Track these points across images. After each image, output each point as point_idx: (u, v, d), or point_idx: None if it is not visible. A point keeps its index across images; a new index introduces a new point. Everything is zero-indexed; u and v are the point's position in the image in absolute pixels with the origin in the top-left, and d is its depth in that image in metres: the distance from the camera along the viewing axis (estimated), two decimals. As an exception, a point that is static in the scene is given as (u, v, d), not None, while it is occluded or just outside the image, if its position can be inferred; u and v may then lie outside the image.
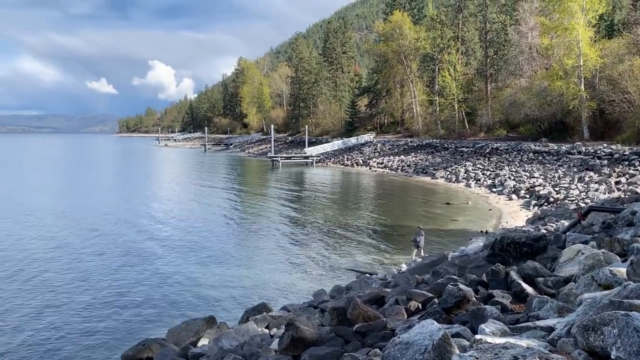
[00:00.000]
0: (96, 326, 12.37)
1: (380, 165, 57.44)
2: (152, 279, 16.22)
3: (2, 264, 17.92)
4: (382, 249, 20.03)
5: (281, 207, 31.74)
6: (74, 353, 10.94)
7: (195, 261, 18.52)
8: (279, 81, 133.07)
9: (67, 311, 13.37)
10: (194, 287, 15.40)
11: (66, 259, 18.72)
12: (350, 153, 68.55)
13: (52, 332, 12.03)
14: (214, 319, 10.01)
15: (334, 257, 18.90)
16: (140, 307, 13.74)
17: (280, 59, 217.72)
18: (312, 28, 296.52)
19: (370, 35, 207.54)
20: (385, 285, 10.96)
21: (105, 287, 15.44)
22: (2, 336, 11.77)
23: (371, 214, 28.95)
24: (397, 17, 68.02)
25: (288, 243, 21.50)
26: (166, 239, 22.35)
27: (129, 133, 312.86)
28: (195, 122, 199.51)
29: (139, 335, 11.40)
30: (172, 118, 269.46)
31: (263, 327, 9.07)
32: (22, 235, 22.88)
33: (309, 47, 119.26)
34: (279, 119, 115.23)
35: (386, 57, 71.43)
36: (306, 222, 26.29)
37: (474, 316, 4.67)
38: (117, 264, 18.15)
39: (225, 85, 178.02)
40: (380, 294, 8.17)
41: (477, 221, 25.41)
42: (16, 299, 14.33)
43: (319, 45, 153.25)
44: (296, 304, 11.45)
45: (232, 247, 20.92)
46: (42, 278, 16.32)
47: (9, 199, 34.45)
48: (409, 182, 44.72)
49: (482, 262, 8.12)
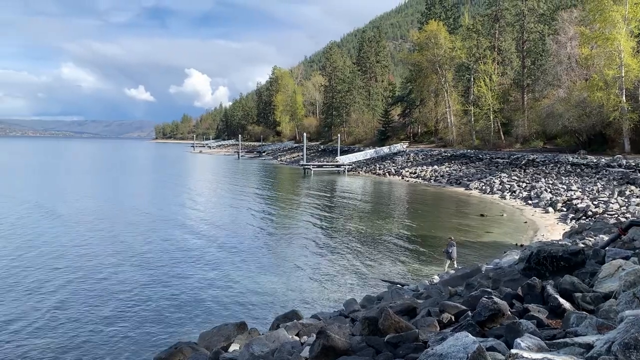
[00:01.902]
0: (130, 328, 12.62)
1: (413, 175, 56.96)
2: (185, 283, 16.46)
3: (45, 262, 18.49)
4: (414, 260, 19.83)
5: (312, 215, 31.80)
6: (107, 354, 11.18)
7: (227, 267, 18.71)
8: (312, 90, 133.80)
9: (101, 312, 13.68)
10: (225, 292, 15.55)
11: (102, 260, 19.19)
12: (382, 162, 68.23)
13: (86, 332, 12.32)
14: (245, 324, 10.08)
15: (365, 266, 18.81)
16: (173, 310, 13.95)
17: (314, 68, 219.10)
18: (346, 37, 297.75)
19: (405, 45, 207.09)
20: (417, 296, 10.83)
21: (139, 289, 15.74)
22: (38, 336, 12.12)
23: (403, 224, 28.72)
24: (432, 27, 67.62)
25: (319, 251, 21.52)
26: (199, 245, 22.67)
27: (165, 139, 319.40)
28: (230, 130, 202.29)
29: (172, 339, 11.58)
30: (207, 125, 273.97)
31: (294, 334, 9.07)
32: (62, 235, 23.57)
33: (343, 56, 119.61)
34: (311, 127, 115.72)
35: (421, 67, 71.01)
36: (337, 231, 26.27)
37: (509, 330, 4.58)
38: (152, 267, 18.50)
39: (259, 93, 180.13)
40: (412, 305, 8.09)
41: (511, 234, 24.91)
42: (51, 298, 14.76)
43: (353, 54, 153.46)
44: (327, 313, 11.43)
45: (263, 254, 21.06)
46: (78, 278, 16.76)
47: (57, 202, 35.53)
48: (442, 193, 44.20)
49: (517, 275, 7.96)
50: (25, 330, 12.41)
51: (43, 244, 22.08)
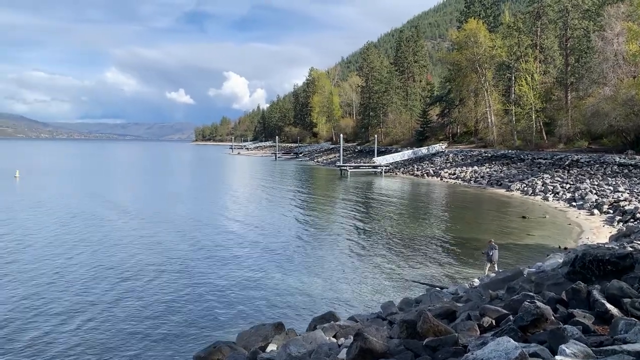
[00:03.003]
0: (170, 326, 12.87)
1: (452, 176, 56.14)
2: (223, 283, 16.68)
3: (88, 260, 19.09)
4: (453, 263, 19.52)
5: (349, 216, 31.73)
6: (147, 352, 11.43)
7: (264, 267, 18.86)
8: (349, 91, 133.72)
9: (143, 310, 14.01)
10: (262, 293, 15.68)
11: (144, 260, 19.67)
12: (420, 163, 67.53)
13: (127, 330, 12.63)
14: (283, 325, 10.13)
15: (402, 268, 18.64)
16: (211, 309, 14.16)
17: (350, 69, 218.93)
18: (383, 37, 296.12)
19: (444, 44, 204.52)
20: (457, 299, 10.65)
21: (178, 289, 16.05)
22: (81, 333, 12.50)
23: (442, 226, 28.33)
24: (471, 25, 66.52)
25: (356, 253, 21.45)
26: (236, 245, 22.95)
27: (204, 141, 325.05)
28: (267, 131, 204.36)
29: (210, 337, 11.75)
30: (245, 127, 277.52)
31: (331, 335, 9.06)
32: (105, 235, 24.28)
33: (380, 56, 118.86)
34: (348, 128, 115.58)
35: (460, 66, 69.95)
36: (375, 233, 26.13)
37: (553, 336, 4.44)
38: (191, 267, 18.84)
39: (296, 95, 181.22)
40: (452, 309, 7.95)
41: (555, 236, 24.22)
42: (95, 296, 15.21)
43: (390, 54, 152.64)
44: (364, 315, 11.37)
45: (300, 255, 21.14)
46: (122, 277, 17.22)
47: (108, 203, 36.68)
48: (482, 194, 43.40)
49: (561, 279, 7.71)
50: (69, 327, 12.81)
51: (92, 243, 22.79)
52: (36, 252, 20.74)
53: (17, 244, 22.31)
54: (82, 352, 11.35)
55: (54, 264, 18.86)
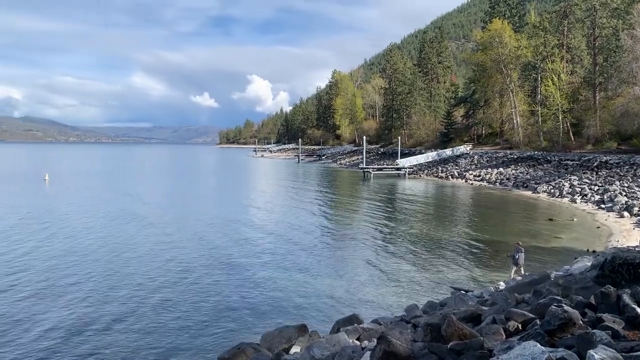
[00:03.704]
0: (195, 327, 13.01)
1: (477, 178, 55.51)
2: (247, 285, 16.79)
3: (111, 263, 19.43)
4: (479, 265, 19.29)
5: (372, 218, 31.62)
6: (173, 352, 11.56)
7: (288, 268, 18.93)
8: (372, 92, 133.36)
9: (167, 310, 14.18)
10: (286, 294, 15.73)
11: (171, 261, 19.91)
12: (445, 165, 66.93)
13: (152, 330, 12.81)
14: (306, 327, 10.15)
15: (426, 271, 18.50)
16: (235, 310, 14.27)
17: (373, 71, 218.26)
18: (406, 39, 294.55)
19: (468, 44, 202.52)
20: (482, 303, 10.52)
21: (203, 289, 16.21)
22: (107, 330, 12.71)
23: (467, 228, 28.01)
24: (496, 25, 65.72)
25: (379, 255, 21.36)
26: (261, 246, 23.07)
27: (229, 144, 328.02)
28: (290, 134, 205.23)
29: (234, 338, 11.85)
30: (268, 130, 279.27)
31: (354, 338, 9.04)
32: (131, 237, 24.68)
33: (403, 57, 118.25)
34: (371, 131, 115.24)
35: (484, 66, 69.14)
36: (398, 235, 25.98)
37: (582, 341, 4.36)
38: (216, 268, 19.00)
39: (319, 97, 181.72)
40: (477, 312, 7.86)
41: (583, 239, 23.73)
42: (117, 295, 15.46)
43: (413, 55, 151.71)
44: (388, 318, 11.31)
45: (323, 257, 21.14)
46: (144, 276, 17.47)
47: (138, 204, 37.31)
48: (508, 196, 42.80)
49: (589, 283, 7.56)
50: (96, 325, 13.05)
51: (118, 243, 23.20)
52: (63, 252, 21.18)
53: (47, 245, 22.82)
54: (108, 349, 11.55)
55: (79, 263, 19.24)
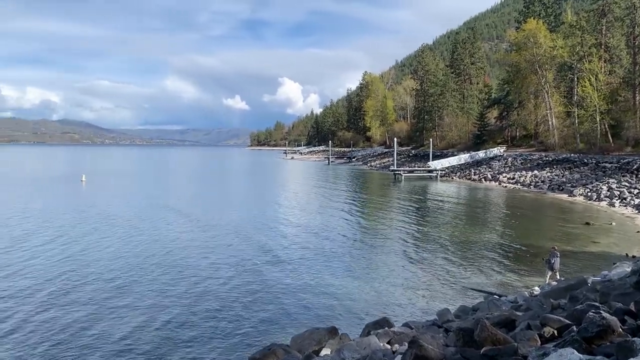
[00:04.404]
0: (226, 327, 13.14)
1: (511, 180, 54.52)
2: (277, 286, 16.88)
3: (145, 261, 19.82)
4: (512, 270, 18.92)
5: (403, 221, 31.38)
6: (204, 351, 11.69)
7: (318, 270, 18.94)
8: (403, 94, 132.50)
9: (199, 310, 14.36)
10: (316, 297, 15.74)
11: (199, 261, 20.19)
12: (477, 167, 65.97)
13: (184, 329, 12.98)
14: (336, 329, 10.13)
15: (459, 275, 18.24)
16: (266, 312, 14.35)
17: (405, 72, 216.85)
18: (439, 40, 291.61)
19: (502, 45, 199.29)
20: (516, 308, 10.33)
21: (234, 290, 16.36)
22: (138, 330, 12.95)
23: (500, 232, 27.52)
24: (531, 25, 64.43)
25: (410, 258, 21.18)
26: (291, 248, 23.16)
27: (259, 146, 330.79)
28: (320, 136, 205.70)
29: (265, 339, 11.92)
30: (299, 132, 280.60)
31: (385, 342, 8.98)
32: (165, 237, 25.13)
33: (435, 58, 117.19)
34: (402, 132, 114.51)
35: (519, 67, 67.90)
36: (430, 238, 25.72)
37: (621, 349, 4.22)
38: (245, 268, 19.17)
39: (349, 99, 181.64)
40: (511, 317, 7.71)
41: (622, 244, 23.01)
42: (150, 295, 15.74)
43: (446, 56, 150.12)
44: (419, 322, 11.20)
45: (353, 260, 21.08)
46: (176, 276, 17.75)
47: (165, 205, 38.05)
48: (543, 199, 41.87)
49: (629, 289, 7.33)
50: (129, 324, 13.32)
51: (151, 245, 23.66)
52: (95, 251, 21.71)
53: (83, 244, 23.43)
54: (139, 348, 11.76)
55: (112, 263, 19.69)
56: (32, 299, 15.24)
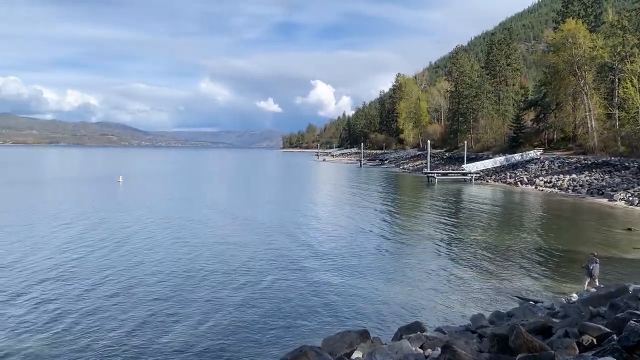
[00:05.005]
0: (258, 328, 13.23)
1: (548, 184, 53.25)
2: (309, 288, 16.92)
3: (179, 263, 20.16)
4: (549, 276, 18.48)
5: (437, 224, 31.04)
6: (236, 352, 11.80)
7: (350, 274, 18.90)
8: (437, 96, 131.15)
9: (230, 312, 14.49)
10: (347, 299, 15.71)
11: (231, 261, 20.41)
12: (513, 170, 64.70)
13: (215, 330, 13.11)
14: (368, 332, 10.08)
15: (493, 280, 17.92)
16: (297, 313, 14.40)
17: (439, 74, 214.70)
18: (474, 41, 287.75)
19: (539, 46, 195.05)
20: (553, 315, 10.09)
21: (266, 292, 16.47)
22: (171, 329, 13.17)
23: (536, 236, 26.91)
24: (569, 25, 62.82)
25: (443, 263, 20.93)
26: (323, 250, 23.17)
27: (291, 148, 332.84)
28: (352, 138, 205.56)
29: (296, 341, 11.96)
30: (331, 134, 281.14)
31: (417, 346, 8.90)
32: (199, 238, 25.52)
33: (470, 60, 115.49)
34: (435, 135, 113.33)
35: (556, 68, 66.29)
36: (463, 242, 25.35)
37: (665, 360, 4.08)
38: (277, 270, 19.28)
39: (382, 101, 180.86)
40: (548, 324, 7.54)
41: (665, 251, 22.19)
42: (183, 293, 16.00)
43: (481, 58, 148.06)
44: (452, 327, 11.06)
45: (385, 263, 20.97)
46: (209, 279, 17.98)
47: (199, 205, 38.69)
48: (581, 204, 40.76)
49: (673, 298, 7.07)
50: (163, 323, 13.57)
51: (185, 244, 24.08)
52: (134, 250, 22.21)
53: (125, 244, 24.01)
54: (173, 348, 11.95)
55: (147, 261, 20.10)
56: (80, 300, 15.60)
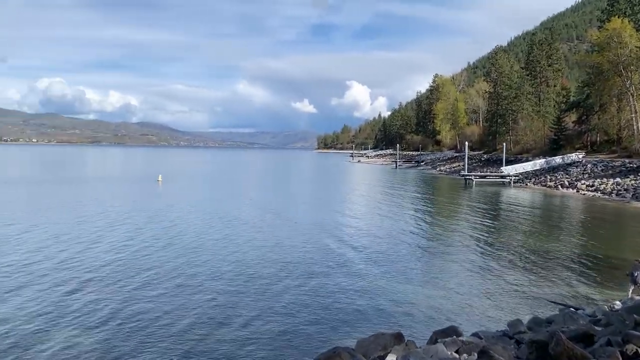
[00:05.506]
0: (291, 329, 13.27)
1: (590, 188, 51.66)
2: (343, 289, 16.86)
3: (222, 264, 20.44)
4: (590, 282, 17.90)
5: (474, 228, 30.51)
6: (268, 352, 11.84)
7: (384, 275, 18.77)
8: (475, 97, 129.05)
9: (264, 312, 14.56)
10: (381, 302, 15.59)
11: (266, 262, 20.55)
12: (554, 173, 63.04)
13: (248, 330, 13.20)
14: (402, 335, 9.99)
15: (532, 286, 17.48)
16: (331, 315, 14.36)
17: (477, 74, 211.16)
18: (513, 41, 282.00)
19: (582, 46, 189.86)
20: (595, 322, 9.77)
21: (300, 293, 16.50)
22: (204, 329, 13.34)
23: (577, 242, 26.13)
24: (615, 24, 60.82)
25: (480, 266, 20.54)
26: (356, 252, 23.08)
27: (326, 149, 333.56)
28: (388, 139, 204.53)
29: (329, 342, 11.92)
30: (366, 135, 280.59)
31: (452, 351, 8.76)
32: (236, 237, 25.82)
33: (509, 60, 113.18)
34: (473, 136, 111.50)
35: (601, 69, 64.26)
36: (502, 246, 24.83)
37: None
38: (310, 271, 19.31)
39: (418, 102, 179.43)
40: (589, 332, 7.30)
41: None
42: (218, 294, 16.19)
43: (521, 58, 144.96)
44: (489, 332, 10.83)
45: (421, 265, 20.74)
46: (246, 279, 18.15)
47: (236, 205, 39.22)
48: (625, 209, 39.36)
49: None
50: (198, 323, 13.77)
51: (222, 243, 24.41)
52: (173, 249, 22.65)
53: (163, 241, 24.53)
54: (205, 347, 12.10)
55: (182, 262, 20.46)
56: (119, 294, 15.95)
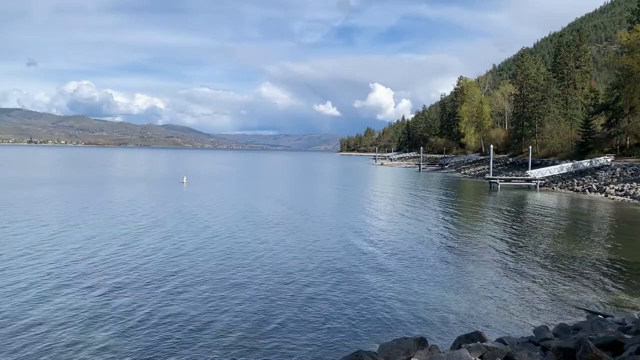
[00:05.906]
0: (313, 332, 13.24)
1: (619, 192, 50.49)
2: (364, 293, 16.78)
3: (242, 267, 20.57)
4: (620, 289, 17.47)
5: (499, 232, 30.09)
6: (289, 354, 11.84)
7: (408, 279, 18.63)
8: (500, 99, 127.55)
9: (286, 316, 14.58)
10: (404, 306, 15.48)
11: (291, 265, 20.59)
12: (581, 177, 61.83)
13: (271, 332, 13.22)
14: (425, 340, 9.92)
15: (558, 292, 17.15)
16: (353, 319, 14.29)
17: (503, 77, 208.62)
18: (540, 43, 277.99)
19: (611, 47, 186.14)
20: (624, 330, 9.53)
21: (322, 296, 16.48)
22: (225, 330, 13.41)
23: (606, 247, 25.54)
24: (646, 25, 59.56)
25: (505, 270, 20.24)
26: (378, 256, 22.96)
27: (349, 152, 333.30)
28: (411, 142, 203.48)
29: (351, 346, 11.90)
30: (389, 138, 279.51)
31: (477, 356, 8.65)
32: (259, 238, 25.95)
33: (536, 62, 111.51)
34: (498, 139, 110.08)
35: (631, 71, 62.93)
36: (527, 250, 24.43)
37: None
38: (334, 274, 19.27)
39: (443, 104, 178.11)
40: (619, 340, 7.12)
41: None
42: (240, 295, 16.27)
43: (547, 60, 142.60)
44: (514, 338, 10.66)
45: (444, 269, 20.52)
46: (268, 280, 18.22)
47: (259, 206, 39.46)
48: (656, 214, 38.37)
49: None
50: (218, 324, 13.86)
51: (244, 245, 24.56)
52: (203, 252, 22.87)
53: (190, 243, 24.80)
54: (228, 348, 12.17)
55: (213, 265, 20.62)
56: (154, 296, 16.06)
